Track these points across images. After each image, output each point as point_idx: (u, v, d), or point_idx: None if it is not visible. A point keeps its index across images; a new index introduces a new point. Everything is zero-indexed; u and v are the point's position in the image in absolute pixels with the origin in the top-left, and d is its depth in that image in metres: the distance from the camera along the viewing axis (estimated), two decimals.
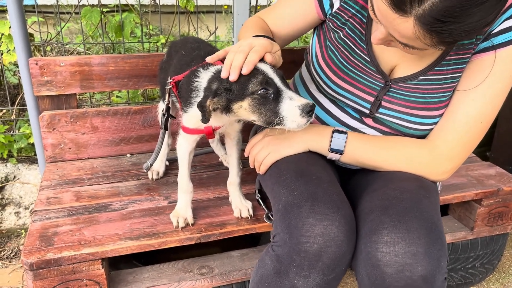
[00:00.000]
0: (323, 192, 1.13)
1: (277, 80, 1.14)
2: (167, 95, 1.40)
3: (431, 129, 1.31)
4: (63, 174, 1.74)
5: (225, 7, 4.07)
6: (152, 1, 2.47)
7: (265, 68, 1.15)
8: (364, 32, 1.30)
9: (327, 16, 1.36)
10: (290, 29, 1.46)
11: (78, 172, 1.76)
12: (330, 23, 1.35)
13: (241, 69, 1.12)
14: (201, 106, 1.15)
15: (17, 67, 2.80)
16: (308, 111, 1.11)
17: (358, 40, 1.30)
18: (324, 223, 1.06)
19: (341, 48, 1.33)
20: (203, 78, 1.24)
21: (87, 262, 1.28)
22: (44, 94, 1.78)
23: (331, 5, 1.33)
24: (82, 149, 1.86)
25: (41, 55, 2.50)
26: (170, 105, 1.42)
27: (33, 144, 2.37)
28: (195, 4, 2.16)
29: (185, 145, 1.39)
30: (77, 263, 1.27)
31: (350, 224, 1.11)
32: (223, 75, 1.15)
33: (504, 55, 1.18)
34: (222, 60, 1.31)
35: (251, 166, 1.42)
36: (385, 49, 1.29)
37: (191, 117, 1.30)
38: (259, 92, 1.12)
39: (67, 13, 3.11)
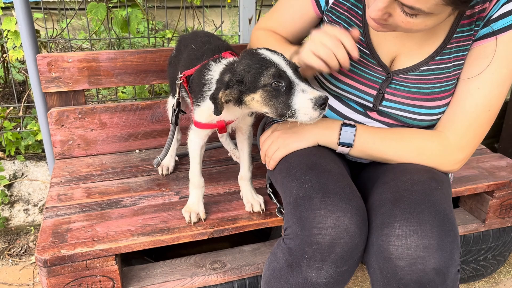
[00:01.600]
0: (334, 184, 1.12)
1: (290, 73, 1.13)
2: (177, 90, 1.39)
3: (438, 119, 1.30)
4: (72, 170, 1.73)
5: (229, 1, 4.04)
6: None
7: (277, 60, 1.14)
8: (361, 25, 1.28)
9: (324, 12, 1.35)
10: (291, 33, 1.46)
11: (88, 169, 1.75)
12: (327, 18, 1.34)
13: None
14: (214, 98, 1.14)
15: (22, 64, 2.80)
16: (320, 104, 1.10)
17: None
18: (336, 214, 1.06)
19: None
20: (215, 71, 1.23)
21: (100, 259, 1.28)
22: (52, 90, 1.77)
23: (327, 2, 1.33)
24: (91, 145, 1.86)
25: (47, 52, 2.49)
26: (180, 100, 1.41)
27: (40, 141, 2.37)
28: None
29: (197, 140, 1.38)
30: (90, 259, 1.27)
31: (362, 215, 1.10)
32: None
33: (506, 40, 1.17)
34: (232, 53, 1.30)
35: (263, 162, 1.42)
36: (384, 40, 1.27)
37: (203, 111, 1.30)
38: (271, 84, 1.11)
39: (71, 9, 3.09)
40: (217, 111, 1.15)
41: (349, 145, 1.28)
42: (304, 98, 1.11)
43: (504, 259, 1.92)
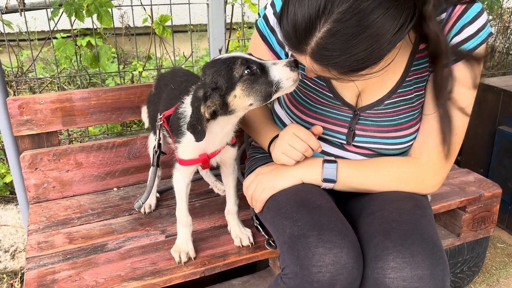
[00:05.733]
0: (327, 220, 1.15)
1: (254, 58, 1.16)
2: (158, 131, 1.39)
3: (411, 145, 1.36)
4: (50, 215, 1.68)
5: (191, 27, 4.06)
6: (125, 25, 2.43)
7: (238, 53, 1.17)
8: None
9: None
10: None
11: (66, 212, 1.70)
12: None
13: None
14: (193, 123, 1.14)
15: None
16: (294, 65, 1.15)
17: (316, 79, 1.35)
18: (334, 251, 1.08)
19: (303, 90, 1.38)
20: (187, 103, 1.25)
21: None
22: (24, 133, 1.72)
23: (286, 54, 1.39)
24: (67, 187, 1.81)
25: (14, 92, 2.41)
26: (161, 141, 1.41)
27: (7, 183, 2.27)
28: (171, 31, 2.16)
29: (183, 179, 1.38)
30: None
31: (357, 249, 1.13)
32: None
33: (458, 70, 1.22)
34: None
35: (251, 206, 1.42)
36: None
37: (185, 146, 1.30)
38: (245, 72, 1.13)
39: (29, 40, 3.01)
40: (200, 136, 1.15)
41: (333, 181, 1.31)
42: (279, 67, 1.15)
43: (478, 269, 2.01)
